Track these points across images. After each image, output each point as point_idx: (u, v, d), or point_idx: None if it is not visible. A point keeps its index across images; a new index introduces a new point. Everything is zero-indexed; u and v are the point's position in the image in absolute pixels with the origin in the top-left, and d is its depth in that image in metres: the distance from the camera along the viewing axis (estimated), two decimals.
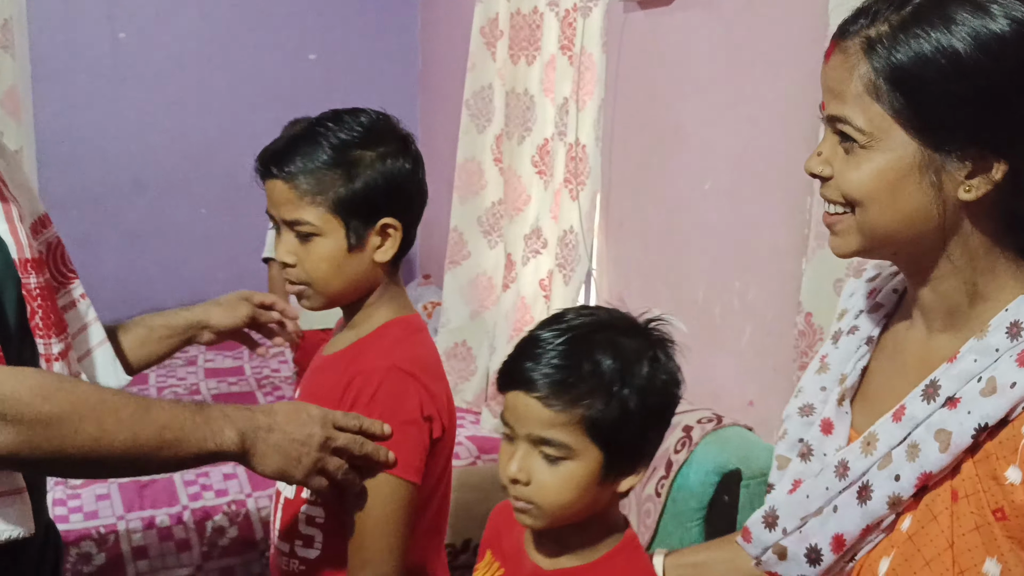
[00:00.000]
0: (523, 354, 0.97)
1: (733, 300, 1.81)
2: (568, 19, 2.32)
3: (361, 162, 1.16)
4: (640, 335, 1.00)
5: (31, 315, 1.04)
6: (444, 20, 3.55)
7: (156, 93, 3.44)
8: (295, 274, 1.18)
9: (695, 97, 1.91)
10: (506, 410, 0.98)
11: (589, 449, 0.95)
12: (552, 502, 0.96)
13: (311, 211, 1.16)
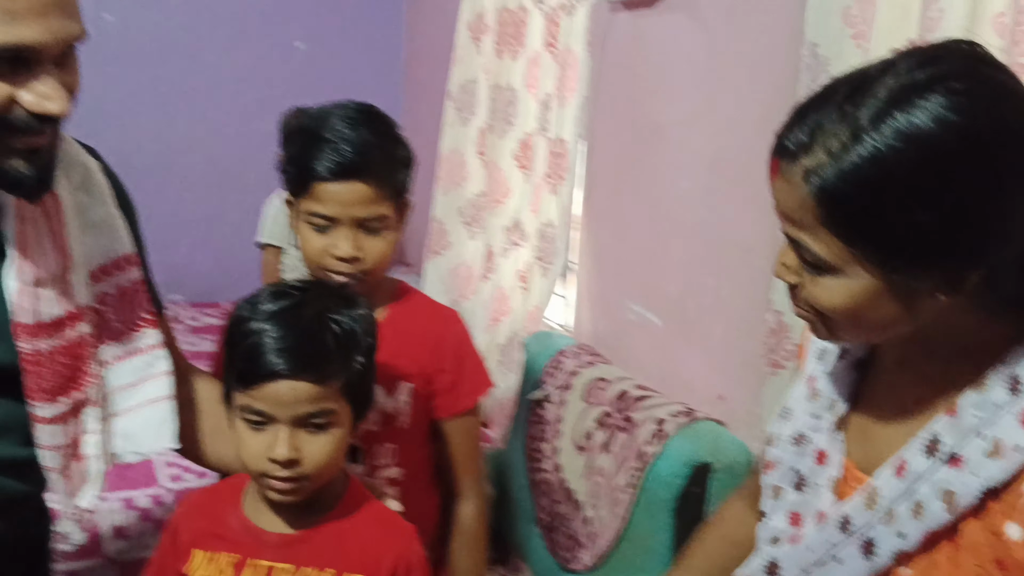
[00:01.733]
0: (261, 347, 1.02)
1: (707, 297, 1.85)
2: (553, 17, 2.35)
3: (399, 146, 1.28)
4: (343, 297, 1.12)
5: (23, 377, 1.01)
6: (430, 12, 3.57)
7: (142, 76, 3.45)
8: (357, 267, 1.24)
9: (675, 97, 1.95)
10: (258, 401, 1.02)
11: (345, 408, 1.07)
12: (323, 467, 1.04)
13: (387, 206, 1.25)
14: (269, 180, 3.06)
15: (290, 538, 1.08)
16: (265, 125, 2.91)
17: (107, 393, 1.13)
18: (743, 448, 1.67)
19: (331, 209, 1.23)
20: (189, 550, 1.10)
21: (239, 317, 1.07)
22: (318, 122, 1.25)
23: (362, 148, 1.22)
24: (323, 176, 1.22)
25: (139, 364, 1.15)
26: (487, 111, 2.70)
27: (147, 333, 1.15)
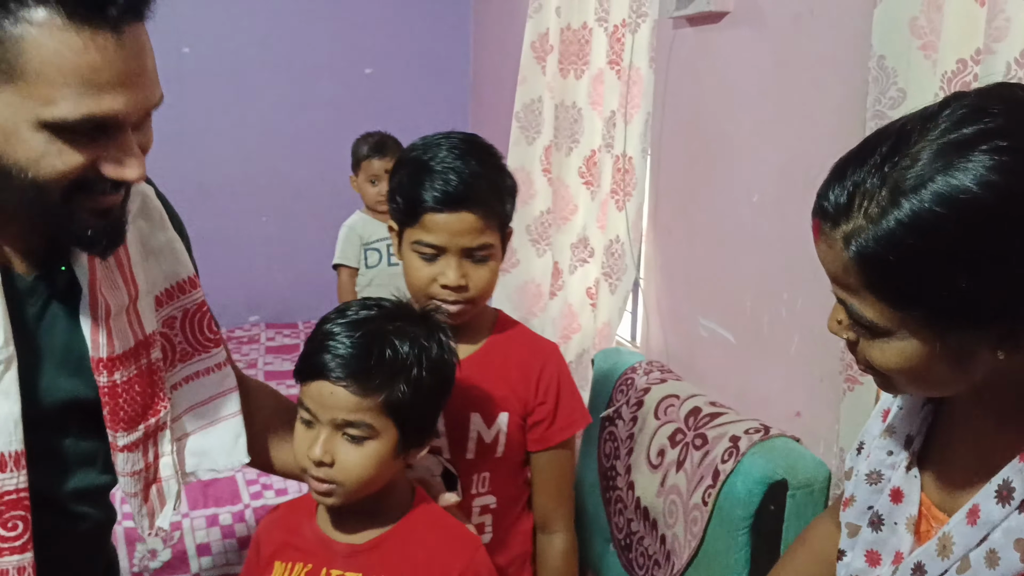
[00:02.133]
0: (323, 347, 1.07)
1: (781, 311, 1.83)
2: (616, 34, 2.36)
3: (504, 177, 1.31)
4: (423, 321, 1.14)
5: (103, 408, 1.04)
6: (495, 35, 3.61)
7: (219, 105, 3.57)
8: (462, 295, 1.27)
9: (743, 111, 1.94)
10: (307, 398, 1.08)
11: (389, 428, 1.07)
12: (355, 479, 1.07)
13: (491, 234, 1.28)
14: (343, 202, 3.14)
15: (359, 548, 1.11)
16: (338, 149, 2.99)
17: (179, 414, 1.16)
18: (820, 465, 1.64)
19: (439, 238, 1.25)
20: (271, 562, 1.15)
21: (324, 318, 1.12)
22: (426, 153, 1.27)
23: (470, 178, 1.24)
24: (432, 206, 1.24)
25: (208, 383, 1.18)
26: (552, 129, 2.72)
27: (213, 353, 1.18)
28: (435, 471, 1.28)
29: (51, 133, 0.82)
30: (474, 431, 1.33)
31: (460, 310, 1.29)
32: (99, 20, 0.80)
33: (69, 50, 0.79)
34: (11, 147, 0.82)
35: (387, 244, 2.82)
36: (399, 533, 1.12)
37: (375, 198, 2.79)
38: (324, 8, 3.72)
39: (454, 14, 3.90)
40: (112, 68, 0.82)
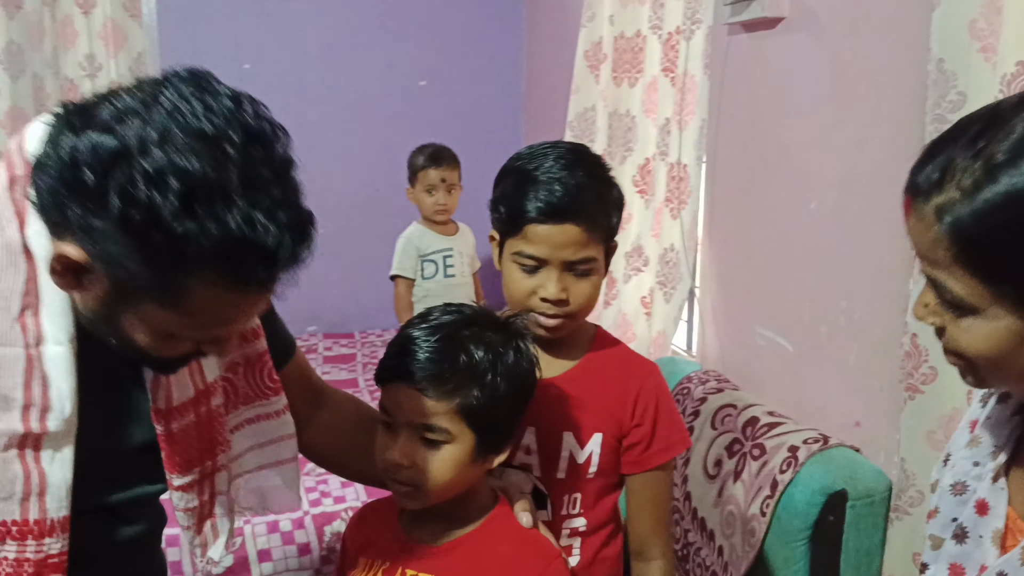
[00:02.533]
0: (402, 351, 1.08)
1: (839, 319, 1.81)
2: (671, 42, 2.35)
3: (610, 189, 1.27)
4: (502, 328, 1.13)
5: (162, 452, 1.09)
6: (548, 45, 3.63)
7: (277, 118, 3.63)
8: (562, 309, 1.24)
9: (800, 118, 1.92)
10: (386, 401, 1.09)
11: (465, 433, 1.07)
12: (433, 482, 1.08)
13: (594, 247, 1.23)
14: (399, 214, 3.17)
15: (435, 549, 1.13)
16: (393, 161, 3.03)
17: (241, 452, 1.20)
18: (881, 475, 1.62)
19: (541, 250, 1.21)
20: (356, 559, 1.18)
21: (408, 322, 1.14)
22: (531, 162, 1.24)
23: (574, 190, 1.20)
24: (535, 217, 1.21)
25: (268, 428, 1.21)
26: (605, 138, 2.72)
27: (273, 400, 1.21)
28: (525, 488, 1.26)
29: (170, 339, 0.92)
30: (566, 450, 1.28)
31: (558, 324, 1.25)
32: (261, 284, 0.87)
33: (220, 304, 0.87)
34: (132, 332, 0.90)
35: (444, 256, 2.85)
36: (476, 538, 1.13)
37: (432, 208, 2.82)
38: (378, 22, 3.78)
39: (507, 24, 3.92)
40: (250, 309, 0.93)
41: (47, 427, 0.95)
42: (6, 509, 0.95)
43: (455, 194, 2.86)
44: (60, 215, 0.83)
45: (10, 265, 0.92)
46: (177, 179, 0.78)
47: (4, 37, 3.09)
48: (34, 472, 0.95)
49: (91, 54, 3.29)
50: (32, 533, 0.96)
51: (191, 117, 0.81)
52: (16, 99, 3.13)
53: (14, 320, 0.93)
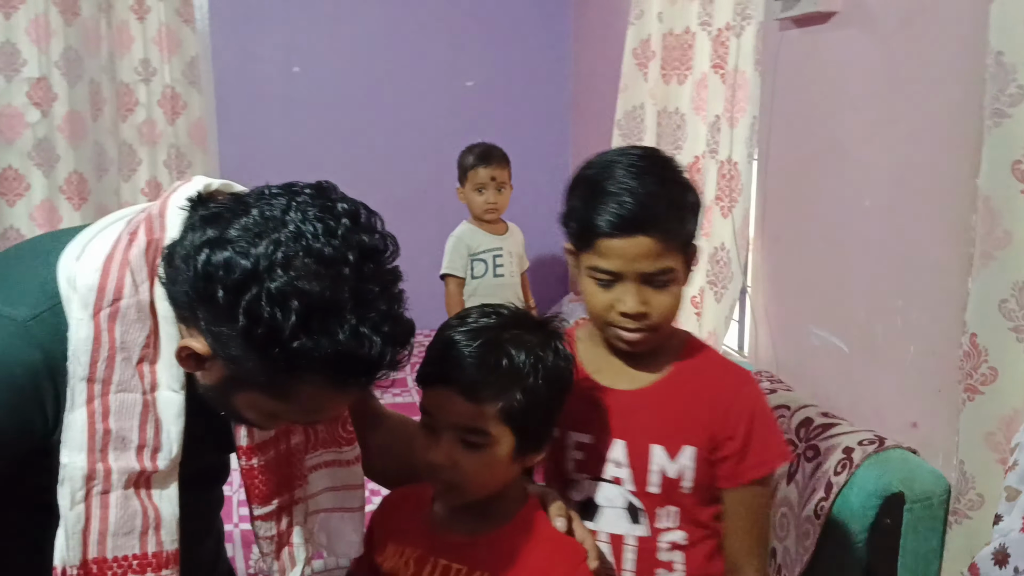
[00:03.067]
0: (444, 354, 1.09)
1: (895, 319, 1.77)
2: (720, 38, 2.33)
3: (686, 194, 1.21)
4: (540, 329, 1.12)
5: (244, 484, 1.18)
6: (596, 43, 3.62)
7: (327, 120, 3.68)
8: (643, 323, 1.19)
9: (853, 114, 1.89)
10: (427, 403, 1.10)
11: (505, 435, 1.08)
12: (473, 482, 1.09)
13: (671, 257, 1.18)
14: (449, 213, 3.19)
15: (467, 542, 1.14)
16: (442, 161, 3.04)
17: (317, 492, 1.26)
18: (939, 478, 1.58)
19: (615, 264, 1.17)
20: (385, 543, 1.20)
21: (446, 324, 1.15)
22: (601, 173, 1.20)
23: (646, 200, 1.15)
24: (606, 231, 1.16)
25: (341, 474, 1.26)
26: (654, 136, 2.70)
27: (345, 450, 1.27)
28: (617, 503, 1.25)
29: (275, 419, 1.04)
30: (656, 464, 1.23)
31: (640, 338, 1.20)
32: (346, 389, 0.97)
33: (323, 399, 0.98)
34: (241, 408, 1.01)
35: (493, 255, 2.85)
36: (507, 534, 1.14)
37: (482, 207, 2.83)
38: (426, 23, 3.80)
39: (555, 23, 3.91)
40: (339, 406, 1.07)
41: (157, 466, 1.03)
42: (127, 544, 1.02)
43: (505, 193, 2.86)
44: (190, 313, 0.94)
45: (138, 321, 1.00)
46: (298, 300, 0.87)
47: (62, 43, 3.16)
48: (149, 508, 1.03)
49: (146, 59, 3.36)
50: (151, 566, 1.03)
51: (312, 240, 0.89)
52: (73, 104, 3.21)
53: (134, 369, 1.01)
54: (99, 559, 1.00)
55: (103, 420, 0.99)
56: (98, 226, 1.06)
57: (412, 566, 1.15)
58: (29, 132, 3.16)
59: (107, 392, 0.99)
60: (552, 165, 3.99)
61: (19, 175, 3.18)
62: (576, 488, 1.28)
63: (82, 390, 0.98)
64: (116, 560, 1.01)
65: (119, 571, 1.01)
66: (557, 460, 1.30)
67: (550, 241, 4.06)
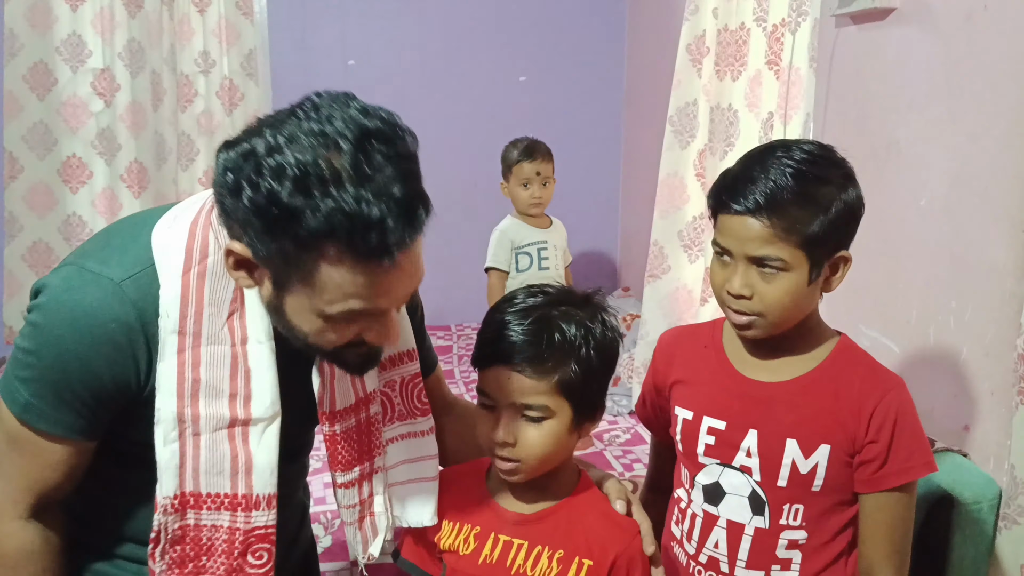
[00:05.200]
0: (498, 335, 1.12)
1: (949, 320, 1.75)
2: (776, 34, 2.31)
3: (829, 196, 1.17)
4: (586, 304, 1.16)
5: (327, 451, 1.20)
6: (650, 39, 3.60)
7: None
8: (748, 306, 1.20)
9: (911, 112, 1.87)
10: (485, 384, 1.14)
11: (563, 407, 1.12)
12: (536, 456, 1.12)
13: (784, 248, 1.16)
14: (495, 208, 3.21)
15: (526, 517, 1.18)
16: (492, 156, 3.05)
17: (394, 464, 1.29)
18: (990, 482, 1.56)
19: (727, 241, 1.19)
20: (439, 520, 1.23)
21: (495, 307, 1.18)
22: (752, 153, 1.23)
23: (767, 184, 1.15)
24: (724, 207, 1.19)
25: (417, 445, 1.30)
26: (707, 133, 2.69)
27: (420, 420, 1.30)
28: (742, 491, 1.26)
29: (329, 321, 1.00)
30: (788, 458, 1.22)
31: (747, 322, 1.20)
32: (379, 263, 0.94)
33: (352, 278, 0.95)
34: (299, 320, 1.01)
35: (538, 248, 2.85)
36: (564, 509, 1.18)
37: (527, 202, 2.84)
38: (479, 18, 3.82)
39: (608, 19, 3.91)
40: (385, 285, 0.98)
41: (251, 414, 1.09)
42: (219, 482, 1.09)
43: (550, 187, 2.86)
44: (226, 218, 0.98)
45: (224, 277, 1.06)
46: (292, 169, 0.90)
47: (125, 35, 3.24)
48: (241, 453, 1.09)
49: (205, 51, 3.43)
50: (241, 506, 1.10)
51: (315, 123, 0.93)
52: (135, 94, 3.29)
53: (224, 323, 1.07)
54: (194, 493, 1.08)
55: (193, 370, 1.05)
56: (188, 200, 1.12)
57: (472, 542, 1.19)
58: (92, 122, 3.25)
59: (197, 345, 1.05)
60: (604, 161, 3.99)
61: (82, 163, 3.28)
62: (704, 472, 1.30)
63: (172, 342, 1.04)
64: (210, 496, 1.09)
65: (213, 505, 1.09)
66: (687, 443, 1.31)
67: (601, 237, 4.07)
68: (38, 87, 3.21)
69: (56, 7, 3.19)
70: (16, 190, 3.24)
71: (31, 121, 3.22)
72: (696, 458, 1.30)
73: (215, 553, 1.11)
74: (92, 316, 1.02)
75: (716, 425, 1.28)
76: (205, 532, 1.10)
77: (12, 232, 3.26)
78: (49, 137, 3.25)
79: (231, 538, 1.10)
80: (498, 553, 1.17)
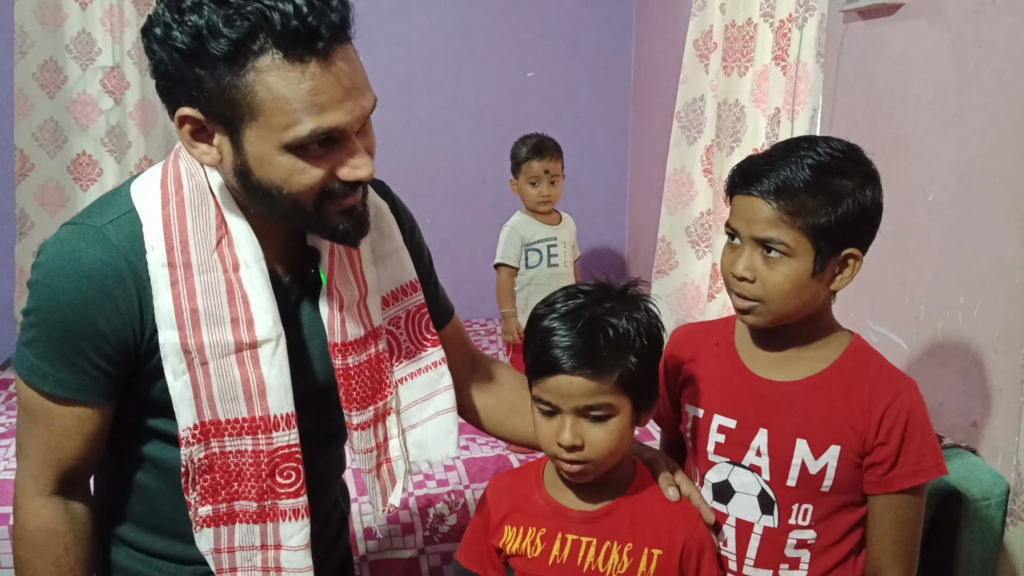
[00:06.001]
0: (551, 344, 1.13)
1: (957, 316, 1.74)
2: (783, 30, 2.31)
3: (844, 191, 1.16)
4: (624, 296, 1.17)
5: (339, 389, 1.20)
6: (658, 35, 3.59)
7: (393, 110, 3.69)
8: (750, 290, 1.19)
9: (919, 107, 1.86)
10: (545, 392, 1.14)
11: (624, 401, 1.13)
12: (604, 454, 1.13)
13: (788, 232, 1.15)
14: (503, 204, 3.21)
15: (591, 514, 1.19)
16: (500, 152, 3.05)
17: (405, 406, 1.29)
18: (998, 478, 1.56)
19: (735, 222, 1.21)
20: (501, 527, 1.23)
21: (536, 315, 1.18)
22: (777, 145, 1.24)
23: (784, 171, 1.16)
24: (736, 187, 1.20)
25: (427, 380, 1.30)
26: (714, 129, 2.69)
27: (431, 352, 1.30)
28: (751, 490, 1.26)
29: (293, 154, 1.00)
30: (798, 458, 1.22)
31: (748, 307, 1.20)
32: (310, 53, 0.96)
33: (291, 83, 0.96)
34: (266, 171, 1.01)
35: (548, 245, 2.86)
36: (627, 503, 1.20)
37: (536, 199, 2.84)
38: (485, 13, 3.80)
39: (616, 14, 3.89)
40: (328, 89, 0.97)
41: (256, 336, 1.10)
42: (235, 408, 1.10)
43: (558, 185, 2.87)
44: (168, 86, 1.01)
45: (203, 204, 1.08)
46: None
47: (134, 33, 3.25)
48: (253, 376, 1.10)
49: None
50: (260, 428, 1.11)
51: None
52: (145, 92, 3.30)
53: (212, 251, 1.08)
54: (214, 421, 1.10)
55: (189, 300, 1.06)
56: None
57: (540, 544, 1.19)
58: (102, 119, 3.26)
59: (189, 275, 1.07)
60: (611, 156, 3.98)
61: (92, 161, 3.30)
62: (714, 470, 1.30)
63: (164, 275, 1.05)
64: (229, 422, 1.10)
65: (233, 431, 1.11)
66: (697, 440, 1.31)
67: (608, 232, 4.07)
68: (48, 85, 3.23)
69: (66, 5, 3.20)
70: (27, 188, 3.26)
71: (41, 119, 3.24)
72: (706, 456, 1.30)
73: (244, 478, 1.13)
74: (78, 261, 1.04)
75: (726, 423, 1.28)
76: (231, 459, 1.12)
77: (23, 229, 3.28)
78: (59, 135, 3.26)
79: (256, 461, 1.12)
80: (567, 552, 1.18)
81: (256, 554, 1.16)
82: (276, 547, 1.16)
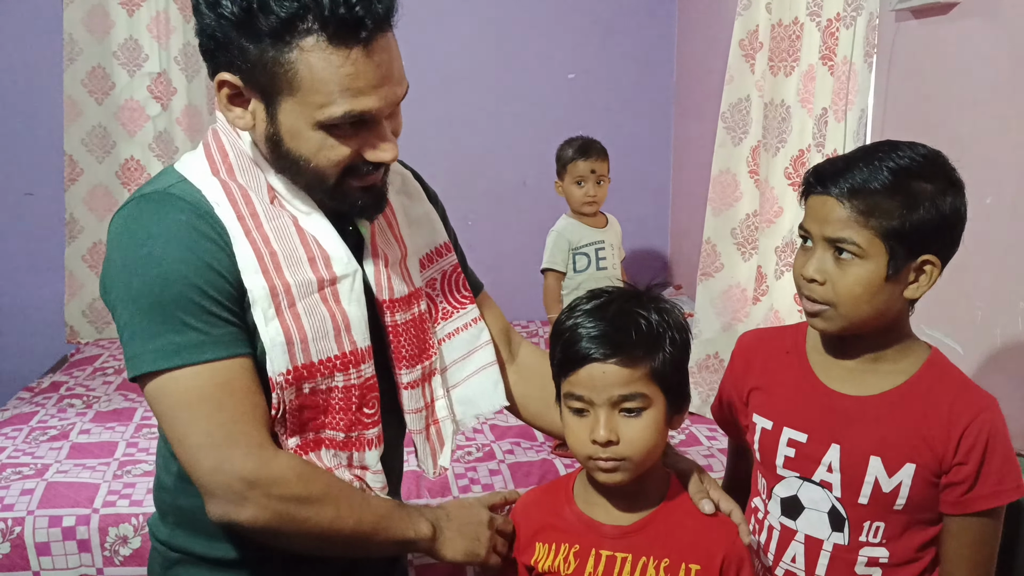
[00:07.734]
0: (579, 335, 1.11)
1: (1016, 321, 1.71)
2: (830, 29, 2.27)
3: (921, 195, 1.13)
4: (647, 294, 1.17)
5: (389, 346, 1.22)
6: (701, 35, 3.56)
7: (430, 110, 3.70)
8: (820, 292, 1.17)
9: (975, 108, 1.82)
10: (576, 386, 1.12)
11: (658, 395, 1.11)
12: (641, 450, 1.11)
13: (861, 233, 1.13)
14: (546, 207, 3.20)
15: (626, 529, 1.16)
16: (541, 154, 3.04)
17: (447, 366, 1.33)
18: None
19: (808, 223, 1.18)
20: (532, 544, 1.21)
21: (561, 317, 1.17)
22: (859, 147, 1.23)
23: (862, 173, 1.14)
24: (810, 188, 1.18)
25: (467, 337, 1.34)
26: (760, 129, 2.65)
27: (468, 309, 1.35)
28: (821, 507, 1.23)
29: (324, 131, 1.05)
30: (871, 476, 1.19)
31: (816, 310, 1.18)
32: (354, 40, 1.00)
33: (332, 66, 1.01)
34: (296, 144, 1.06)
35: (596, 248, 2.84)
36: (661, 516, 1.16)
37: (581, 200, 2.83)
38: (527, 14, 3.79)
39: (658, 14, 3.86)
40: (366, 75, 1.02)
41: (334, 272, 1.14)
42: (326, 347, 1.13)
43: (604, 186, 2.85)
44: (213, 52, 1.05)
45: (250, 168, 1.13)
46: None
47: (181, 39, 3.30)
48: (337, 312, 1.13)
49: None
50: (351, 363, 1.15)
51: None
52: (191, 98, 3.34)
53: (270, 204, 1.12)
54: (306, 364, 1.11)
55: (266, 244, 1.09)
56: None
57: (573, 561, 1.16)
58: (150, 125, 3.31)
59: (259, 225, 1.10)
60: (654, 158, 3.95)
61: (140, 166, 3.35)
62: (783, 484, 1.27)
63: (236, 227, 1.08)
64: (321, 363, 1.12)
65: (325, 371, 1.13)
66: (766, 453, 1.28)
67: (652, 234, 4.04)
68: (96, 91, 3.29)
69: (113, 12, 3.26)
70: (76, 192, 3.32)
71: (90, 125, 3.30)
72: (774, 469, 1.27)
73: (333, 411, 1.15)
74: (160, 216, 1.07)
75: (797, 437, 1.24)
76: (321, 396, 1.14)
77: (73, 233, 3.34)
78: (107, 140, 3.32)
79: (347, 395, 1.15)
80: (602, 569, 1.15)
81: (344, 471, 1.17)
82: (362, 468, 1.19)
